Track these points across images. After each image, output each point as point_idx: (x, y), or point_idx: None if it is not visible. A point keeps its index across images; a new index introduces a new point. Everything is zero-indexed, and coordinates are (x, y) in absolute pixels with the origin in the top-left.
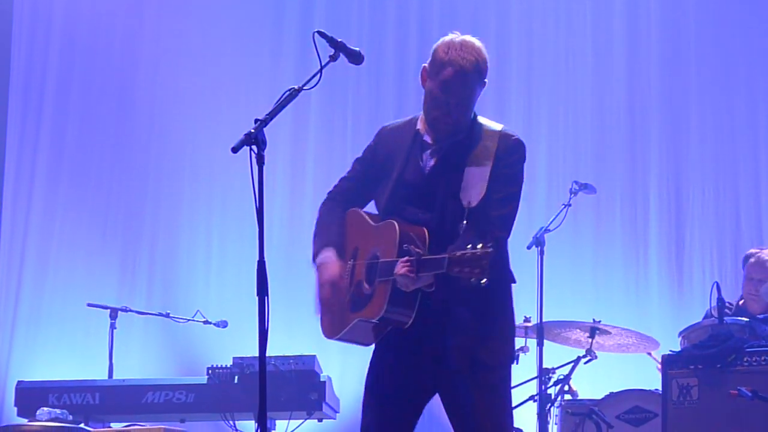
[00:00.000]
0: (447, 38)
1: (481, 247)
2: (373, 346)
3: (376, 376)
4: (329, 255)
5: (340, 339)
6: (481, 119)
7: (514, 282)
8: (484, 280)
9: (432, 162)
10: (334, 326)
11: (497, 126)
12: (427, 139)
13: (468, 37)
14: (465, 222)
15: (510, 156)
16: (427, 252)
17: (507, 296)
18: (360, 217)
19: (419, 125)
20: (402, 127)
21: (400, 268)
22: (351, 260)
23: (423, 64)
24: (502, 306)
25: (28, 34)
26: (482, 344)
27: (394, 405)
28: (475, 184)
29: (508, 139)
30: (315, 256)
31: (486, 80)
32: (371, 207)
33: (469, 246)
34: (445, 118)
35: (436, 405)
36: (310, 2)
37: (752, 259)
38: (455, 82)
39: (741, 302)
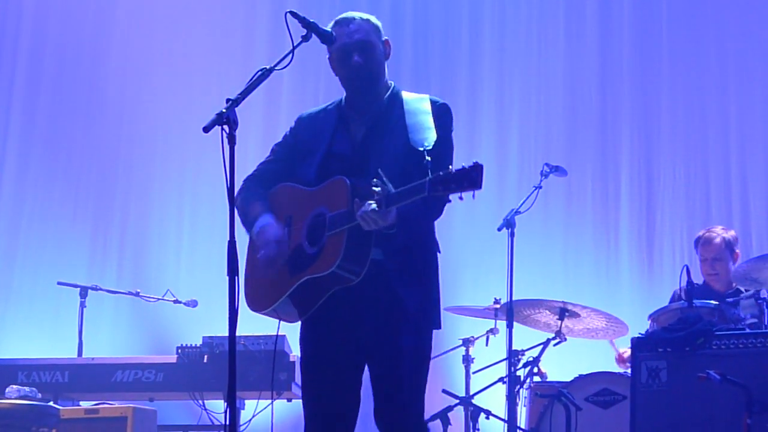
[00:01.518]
0: None
1: (469, 164)
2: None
3: (311, 352)
4: (267, 219)
5: (271, 312)
6: (404, 91)
7: (440, 252)
8: (474, 196)
9: (362, 130)
10: (268, 297)
11: (423, 95)
12: (352, 112)
13: None
14: (429, 159)
15: (443, 117)
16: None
17: (435, 264)
18: (292, 187)
19: (343, 103)
20: (322, 110)
21: (368, 206)
22: (285, 227)
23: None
24: (431, 273)
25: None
26: (414, 308)
27: (332, 378)
28: (422, 131)
29: (437, 102)
30: (250, 226)
31: (386, 38)
32: None
33: (451, 167)
34: (357, 67)
35: None
36: None
37: (700, 242)
38: (343, 25)
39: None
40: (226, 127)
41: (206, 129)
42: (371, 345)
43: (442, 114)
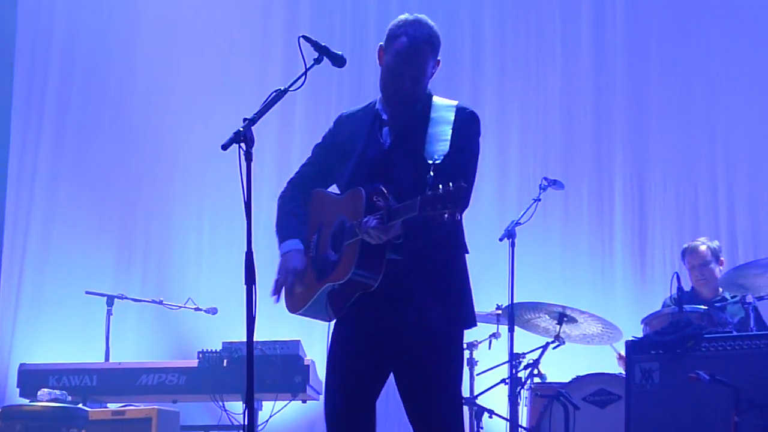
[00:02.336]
0: (401, 17)
1: (453, 185)
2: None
3: (337, 353)
4: (294, 243)
5: (304, 313)
6: (435, 97)
7: (468, 252)
8: (458, 215)
9: (391, 138)
10: (300, 299)
11: (452, 101)
12: (386, 117)
13: (420, 15)
14: (432, 173)
15: (467, 127)
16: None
17: (463, 265)
18: (324, 195)
19: (378, 105)
20: (360, 111)
21: (371, 221)
22: (315, 234)
23: (379, 44)
24: (459, 274)
25: (31, 39)
26: (440, 315)
27: (356, 379)
28: (437, 142)
29: (464, 111)
30: (280, 242)
31: (439, 58)
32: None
33: (441, 186)
34: (402, 89)
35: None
36: (296, 8)
37: (687, 252)
38: (409, 50)
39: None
40: (243, 144)
41: (224, 147)
42: (395, 351)
43: (465, 122)
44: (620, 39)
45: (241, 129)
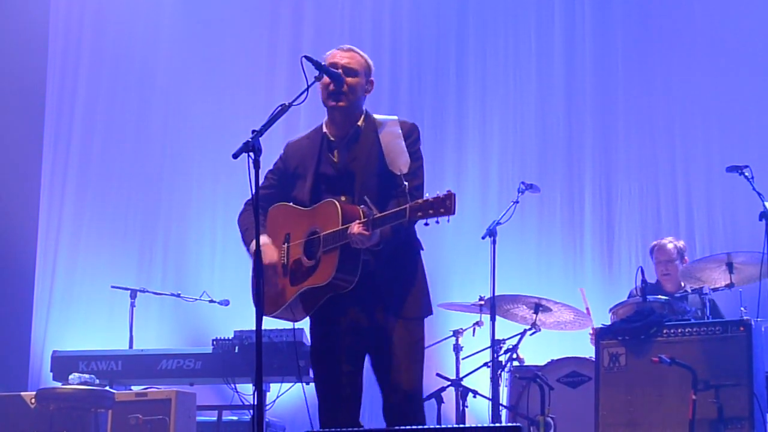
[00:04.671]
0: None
1: (443, 192)
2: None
3: (317, 348)
4: (266, 238)
5: (277, 315)
6: (375, 114)
7: (423, 249)
8: (450, 216)
9: (344, 153)
10: (274, 303)
11: (392, 116)
12: (333, 137)
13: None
14: (406, 183)
15: (411, 136)
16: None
17: (420, 262)
18: (289, 208)
19: (324, 129)
20: (306, 136)
21: (356, 228)
22: (285, 244)
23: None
24: (418, 270)
25: (61, 65)
26: (404, 307)
27: (338, 369)
28: (400, 155)
29: (405, 123)
30: (247, 244)
31: (372, 79)
32: None
33: (427, 194)
34: (337, 95)
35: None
36: (299, 29)
37: (655, 248)
38: (339, 56)
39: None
40: (251, 153)
41: (235, 156)
42: (368, 339)
43: (410, 133)
44: (589, 60)
45: (250, 140)
